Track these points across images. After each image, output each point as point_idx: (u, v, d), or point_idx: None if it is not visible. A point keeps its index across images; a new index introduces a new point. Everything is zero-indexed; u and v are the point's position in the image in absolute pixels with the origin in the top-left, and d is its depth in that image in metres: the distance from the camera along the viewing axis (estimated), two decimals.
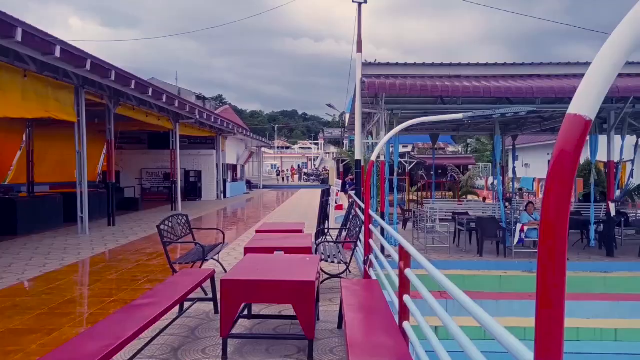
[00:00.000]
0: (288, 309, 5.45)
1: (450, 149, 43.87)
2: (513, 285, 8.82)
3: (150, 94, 13.34)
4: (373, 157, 6.28)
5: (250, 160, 41.19)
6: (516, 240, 10.16)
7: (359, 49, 11.20)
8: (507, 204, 12.94)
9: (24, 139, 17.24)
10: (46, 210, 13.04)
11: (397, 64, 11.80)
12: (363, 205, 7.78)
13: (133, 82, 12.17)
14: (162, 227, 6.62)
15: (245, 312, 5.16)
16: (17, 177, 17.91)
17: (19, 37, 7.99)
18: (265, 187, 40.09)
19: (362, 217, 6.91)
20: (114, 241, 10.91)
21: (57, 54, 9.02)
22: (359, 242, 7.22)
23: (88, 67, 10.10)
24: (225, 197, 26.53)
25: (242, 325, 5.01)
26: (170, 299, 4.34)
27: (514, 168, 16.84)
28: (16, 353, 4.32)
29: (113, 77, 11.16)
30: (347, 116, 27.22)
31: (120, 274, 7.67)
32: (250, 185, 35.84)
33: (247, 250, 6.00)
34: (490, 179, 25.69)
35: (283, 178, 54.49)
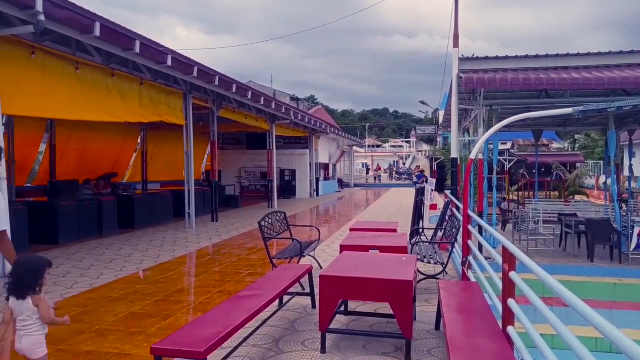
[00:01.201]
0: (383, 308, 5.47)
1: (555, 145, 40.89)
2: (630, 294, 8.05)
3: (249, 97, 14.03)
4: (472, 156, 6.07)
5: (341, 159, 41.62)
6: (634, 246, 9.25)
7: (456, 44, 10.85)
8: (622, 205, 11.81)
9: (139, 141, 19.00)
10: (158, 206, 14.24)
11: (496, 58, 11.27)
12: (461, 205, 7.56)
13: (234, 86, 12.88)
14: (262, 223, 6.96)
15: (342, 309, 5.27)
16: (133, 176, 19.81)
17: (137, 49, 8.82)
18: (356, 185, 40.31)
19: (460, 217, 6.71)
20: (217, 236, 11.64)
21: (169, 62, 9.82)
22: (456, 243, 7.03)
23: (195, 73, 10.87)
24: (317, 195, 27.10)
25: (339, 321, 5.11)
26: (272, 292, 4.56)
27: (630, 166, 15.31)
28: (139, 334, 4.81)
29: (217, 82, 11.91)
30: (442, 113, 26.45)
31: (224, 267, 8.17)
32: (341, 184, 36.23)
33: (343, 248, 6.11)
34: (602, 178, 23.56)
35: (375, 177, 54.07)
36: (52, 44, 8.25)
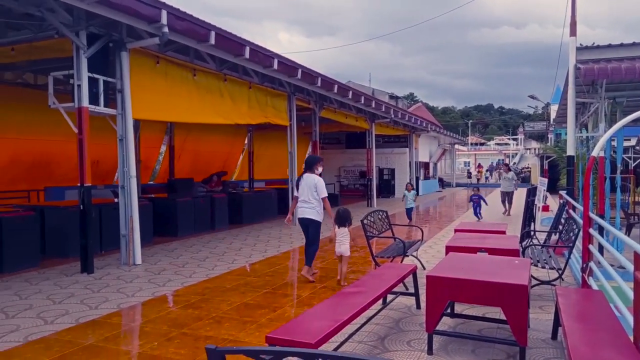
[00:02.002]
0: (493, 312, 5.25)
1: None
2: None
3: (350, 96, 14.19)
4: (594, 153, 5.57)
5: (442, 158, 40.42)
6: None
7: (573, 32, 10.01)
8: None
9: (246, 141, 20.08)
10: (264, 203, 14.93)
11: (620, 45, 10.20)
12: (579, 206, 7.00)
13: (335, 86, 13.11)
14: (364, 221, 7.02)
15: (448, 310, 5.14)
16: (240, 175, 21.00)
17: (247, 55, 9.35)
18: (458, 185, 38.87)
19: (578, 219, 6.21)
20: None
21: (275, 66, 10.27)
22: (574, 248, 6.51)
23: (299, 75, 11.25)
24: (417, 194, 26.56)
25: (445, 323, 5.00)
26: (377, 290, 4.59)
27: None
28: (251, 323, 5.10)
29: (319, 84, 12.21)
30: (554, 108, 24.59)
31: (327, 263, 8.36)
32: (442, 184, 35.18)
33: (449, 249, 5.95)
34: None
35: (478, 180, 51.09)
36: (173, 53, 9.03)
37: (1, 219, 7.54)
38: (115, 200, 9.76)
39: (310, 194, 7.01)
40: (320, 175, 7.29)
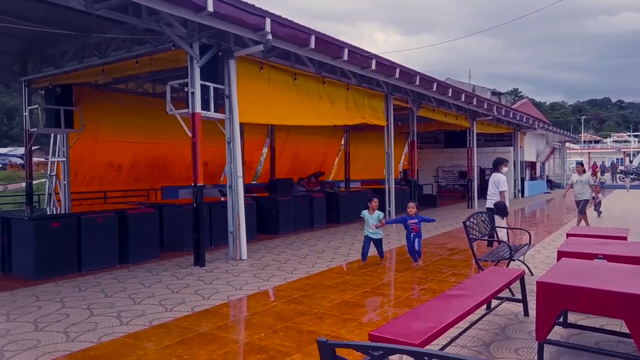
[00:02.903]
0: (612, 324, 4.83)
1: None
2: None
3: (450, 94, 13.81)
4: None
5: (551, 157, 37.64)
6: None
7: None
8: None
9: (342, 142, 20.36)
10: (360, 203, 14.96)
11: None
12: None
13: (434, 84, 12.83)
14: (467, 223, 6.80)
15: (560, 319, 4.81)
16: (336, 175, 21.33)
17: (345, 57, 9.50)
18: None
19: None
20: None
21: (373, 66, 10.32)
22: None
23: (397, 75, 11.19)
24: (522, 196, 25.08)
25: (557, 333, 4.69)
26: (482, 294, 4.43)
27: None
28: (351, 321, 5.19)
29: (417, 82, 12.03)
30: None
31: (425, 265, 8.21)
32: (551, 184, 32.77)
33: (561, 254, 5.55)
34: None
35: (596, 182, 45.95)
36: (276, 58, 9.44)
37: (128, 216, 8.42)
38: (222, 199, 10.43)
39: (495, 188, 8.79)
40: (504, 173, 8.94)
